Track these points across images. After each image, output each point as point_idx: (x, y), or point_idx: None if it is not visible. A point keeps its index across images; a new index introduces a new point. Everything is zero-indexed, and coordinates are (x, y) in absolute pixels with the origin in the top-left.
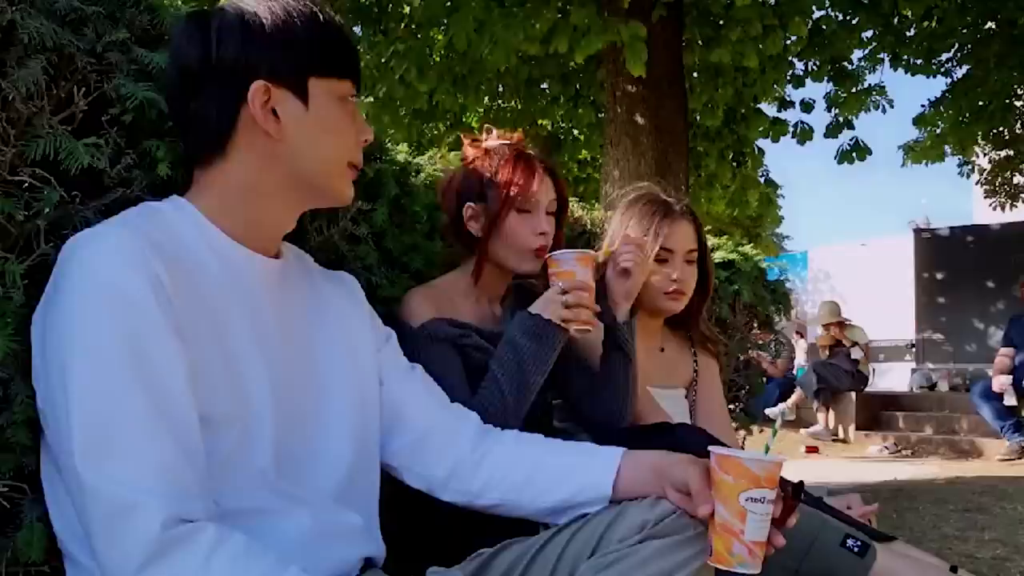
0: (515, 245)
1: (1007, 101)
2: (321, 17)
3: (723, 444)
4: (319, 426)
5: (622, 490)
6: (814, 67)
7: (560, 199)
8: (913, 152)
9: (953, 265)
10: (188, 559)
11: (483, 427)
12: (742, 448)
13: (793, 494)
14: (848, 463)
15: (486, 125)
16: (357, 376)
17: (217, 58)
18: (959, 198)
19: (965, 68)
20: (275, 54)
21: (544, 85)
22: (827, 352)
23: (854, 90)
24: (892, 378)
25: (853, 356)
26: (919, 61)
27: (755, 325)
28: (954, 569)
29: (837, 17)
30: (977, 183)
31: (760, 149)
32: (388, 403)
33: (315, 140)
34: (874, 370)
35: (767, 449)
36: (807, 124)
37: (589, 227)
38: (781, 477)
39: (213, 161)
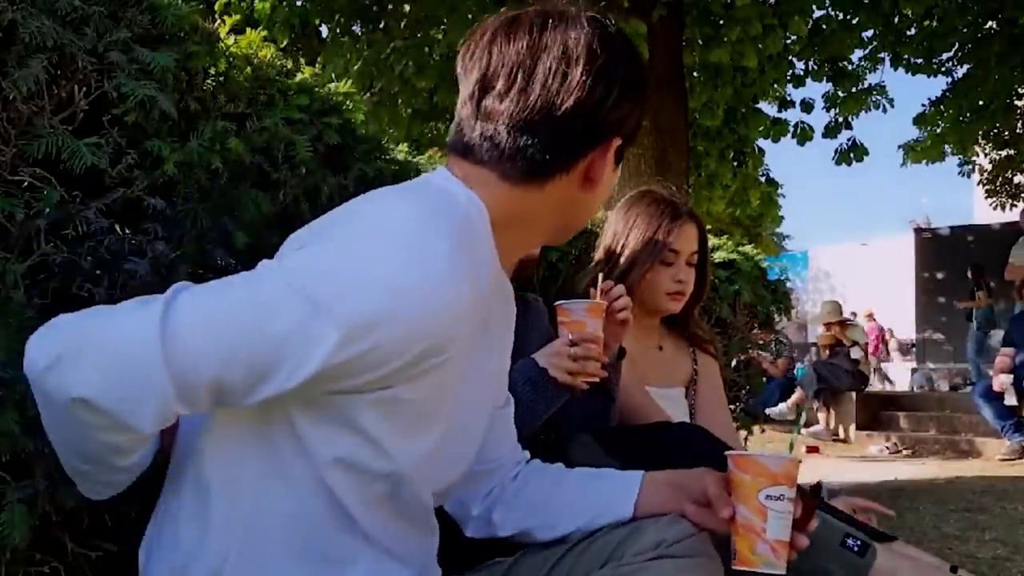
0: None
1: (1007, 101)
2: None
3: (724, 443)
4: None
5: (642, 513)
6: (814, 67)
7: None
8: (913, 152)
9: (953, 265)
10: None
11: (521, 465)
12: (744, 447)
13: (812, 494)
14: (848, 463)
15: None
16: (491, 400)
17: (610, 107)
18: (960, 197)
19: (965, 67)
20: (638, 121)
21: None
22: (827, 352)
23: (854, 90)
24: (892, 378)
25: (853, 356)
26: (919, 60)
27: (755, 325)
28: (954, 569)
29: (837, 16)
30: (979, 183)
31: (760, 149)
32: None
33: (599, 198)
34: (875, 370)
35: (791, 448)
36: (807, 124)
37: (589, 226)
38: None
39: (525, 184)
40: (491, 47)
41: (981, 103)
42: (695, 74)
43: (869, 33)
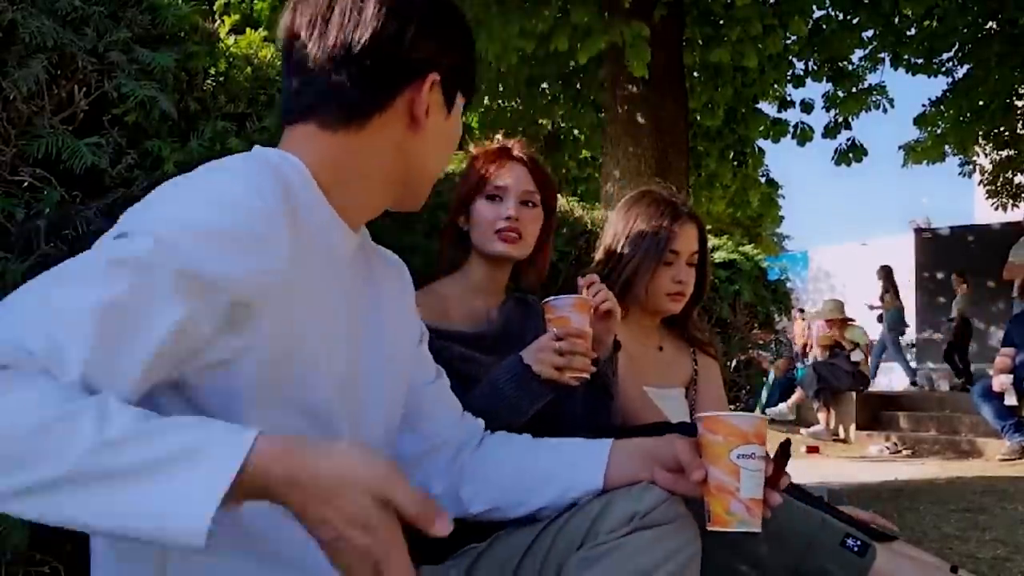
0: (482, 227)
1: (1007, 101)
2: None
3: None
4: (359, 425)
5: (612, 482)
6: (814, 67)
7: (542, 189)
8: (914, 152)
9: (953, 265)
10: None
11: (482, 435)
12: None
13: (781, 452)
14: (848, 463)
15: (502, 132)
16: (395, 373)
17: (410, 43)
18: (960, 197)
19: (966, 68)
20: (454, 60)
21: (544, 85)
22: (827, 353)
23: (854, 90)
24: (892, 378)
25: (853, 359)
26: (919, 61)
27: (755, 325)
28: (954, 569)
29: (837, 17)
30: (979, 183)
31: (760, 149)
32: (411, 407)
33: (437, 148)
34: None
35: (762, 408)
36: (807, 125)
37: (589, 227)
38: None
39: (345, 128)
40: (295, 7)
41: (981, 103)
42: (695, 74)
43: (869, 33)
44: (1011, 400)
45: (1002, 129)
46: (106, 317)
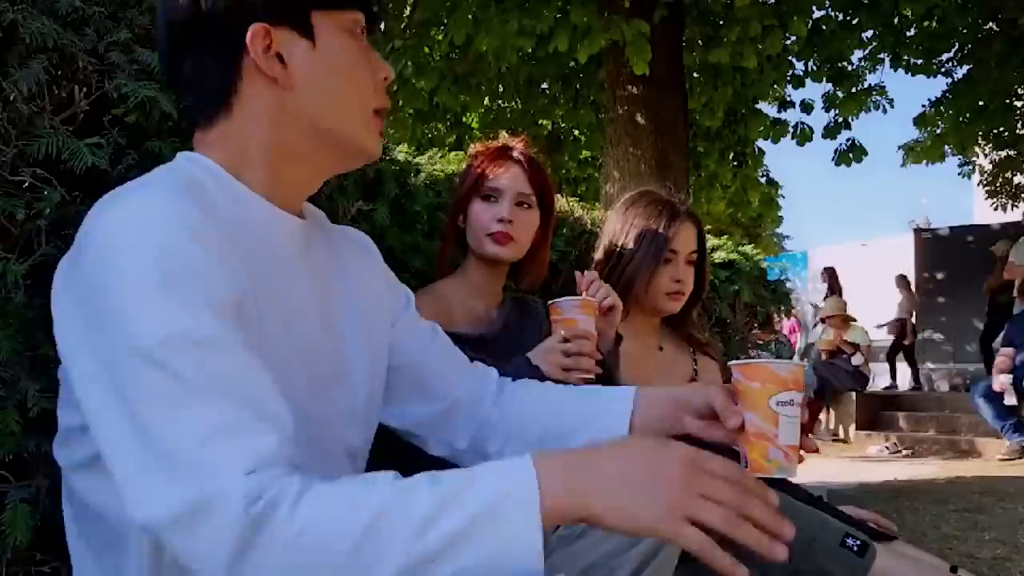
0: (477, 229)
1: (1007, 101)
2: None
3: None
4: (338, 403)
5: (638, 429)
6: (814, 67)
7: (539, 191)
8: (913, 152)
9: (953, 265)
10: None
11: (500, 382)
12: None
13: (814, 399)
14: (848, 463)
15: (503, 131)
16: (372, 347)
17: (208, 5)
18: (959, 198)
19: (965, 68)
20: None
21: (544, 85)
22: (828, 356)
23: (854, 90)
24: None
25: (854, 362)
26: (919, 61)
27: (755, 325)
28: (954, 569)
29: (837, 17)
30: (979, 183)
31: (760, 149)
32: (412, 371)
33: (328, 82)
34: (874, 375)
35: (802, 356)
36: (807, 125)
37: (589, 227)
38: None
39: (217, 121)
40: None
41: (981, 103)
42: (695, 74)
43: (869, 33)
44: (1011, 400)
45: (1002, 129)
46: (238, 396)
